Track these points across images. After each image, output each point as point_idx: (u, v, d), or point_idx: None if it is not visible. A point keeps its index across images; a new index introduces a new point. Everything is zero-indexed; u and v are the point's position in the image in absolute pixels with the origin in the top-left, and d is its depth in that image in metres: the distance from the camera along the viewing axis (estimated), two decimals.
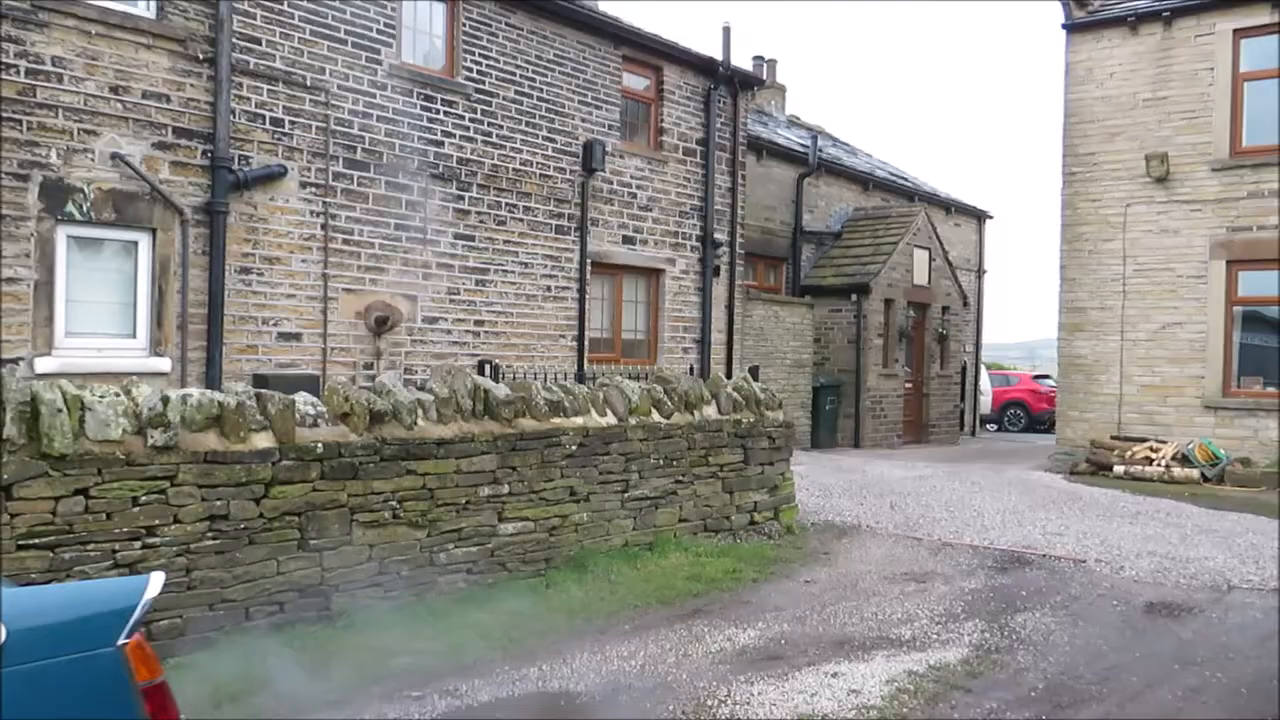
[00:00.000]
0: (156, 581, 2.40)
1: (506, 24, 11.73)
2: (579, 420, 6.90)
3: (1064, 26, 14.18)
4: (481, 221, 11.48)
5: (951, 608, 6.11)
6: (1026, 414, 25.43)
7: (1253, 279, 12.84)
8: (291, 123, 9.71)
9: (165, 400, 4.83)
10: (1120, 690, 4.68)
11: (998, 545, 8.07)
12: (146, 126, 8.68)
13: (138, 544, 4.63)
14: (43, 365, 7.95)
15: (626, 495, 7.17)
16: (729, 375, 13.45)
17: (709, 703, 4.40)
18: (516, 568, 6.34)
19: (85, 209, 8.31)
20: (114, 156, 8.47)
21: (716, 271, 14.51)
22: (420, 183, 10.83)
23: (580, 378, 12.07)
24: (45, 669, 2.14)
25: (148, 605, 2.35)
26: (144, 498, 4.66)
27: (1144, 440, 13.06)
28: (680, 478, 7.63)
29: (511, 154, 11.80)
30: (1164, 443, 12.81)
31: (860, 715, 4.30)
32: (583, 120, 12.63)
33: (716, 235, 14.42)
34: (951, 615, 5.94)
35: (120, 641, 2.28)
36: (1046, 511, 9.81)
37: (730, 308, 14.75)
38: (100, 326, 8.58)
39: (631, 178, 13.35)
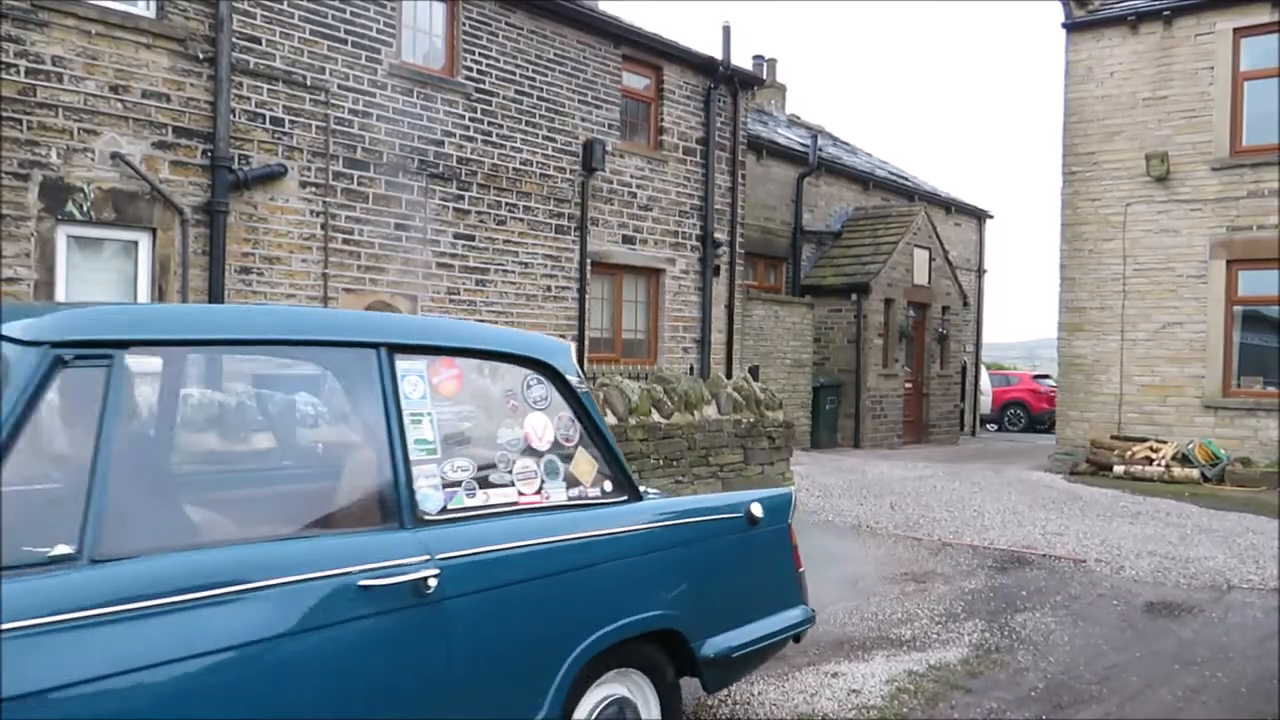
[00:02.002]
0: (792, 491, 4.17)
1: (506, 23, 11.73)
2: None
3: (1064, 26, 14.18)
4: (481, 221, 11.48)
5: (951, 608, 6.11)
6: (1026, 414, 25.43)
7: (1253, 279, 12.84)
8: (291, 122, 9.71)
9: None
10: (1120, 690, 4.68)
11: (998, 545, 8.08)
12: (146, 126, 8.68)
13: None
14: None
15: None
16: (729, 375, 13.45)
17: (709, 702, 4.40)
18: None
19: (85, 209, 8.31)
20: (114, 156, 8.47)
21: (716, 271, 14.51)
22: (420, 182, 10.83)
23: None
24: (773, 531, 3.82)
25: (795, 500, 4.04)
26: None
27: (1144, 440, 13.06)
28: (680, 478, 7.63)
29: (511, 153, 11.80)
30: (1164, 443, 12.81)
31: (860, 715, 4.30)
32: (582, 119, 12.63)
33: (716, 235, 14.42)
34: (951, 615, 5.94)
35: (790, 519, 3.93)
36: (1046, 511, 9.81)
37: (730, 307, 14.75)
38: None
39: (631, 177, 13.35)
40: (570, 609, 2.98)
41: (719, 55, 14.28)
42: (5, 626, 1.83)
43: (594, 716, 3.06)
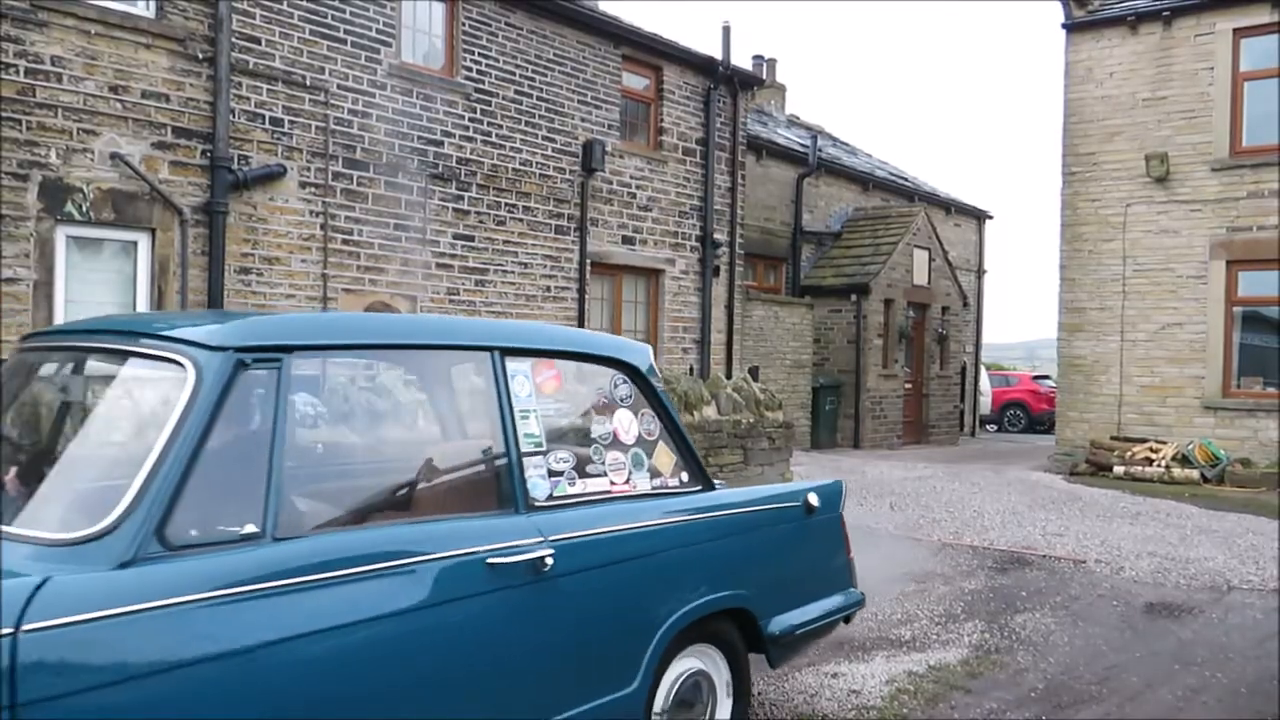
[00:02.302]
0: (843, 483, 4.46)
1: (506, 23, 11.73)
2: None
3: (1064, 26, 14.18)
4: (481, 221, 11.48)
5: (951, 608, 6.10)
6: (1026, 414, 25.44)
7: (1253, 279, 12.84)
8: (291, 122, 9.71)
9: None
10: (1120, 690, 4.67)
11: (998, 546, 8.07)
12: (146, 126, 8.68)
13: None
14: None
15: None
16: (729, 375, 13.45)
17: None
18: None
19: (84, 209, 8.30)
20: (113, 156, 8.47)
21: (716, 271, 14.51)
22: (420, 182, 10.82)
23: None
24: (827, 519, 4.17)
25: (845, 491, 4.38)
26: None
27: (1144, 441, 13.06)
28: None
29: (511, 154, 11.80)
30: (1164, 443, 12.81)
31: (860, 715, 4.30)
32: (582, 120, 12.63)
33: (716, 235, 14.42)
34: (951, 616, 5.94)
35: (841, 509, 4.30)
36: (1046, 512, 9.81)
37: (730, 308, 14.75)
38: None
39: (631, 178, 13.35)
40: (658, 588, 3.29)
41: (719, 55, 14.28)
42: (208, 594, 2.14)
43: (676, 687, 3.35)
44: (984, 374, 25.48)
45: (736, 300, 14.88)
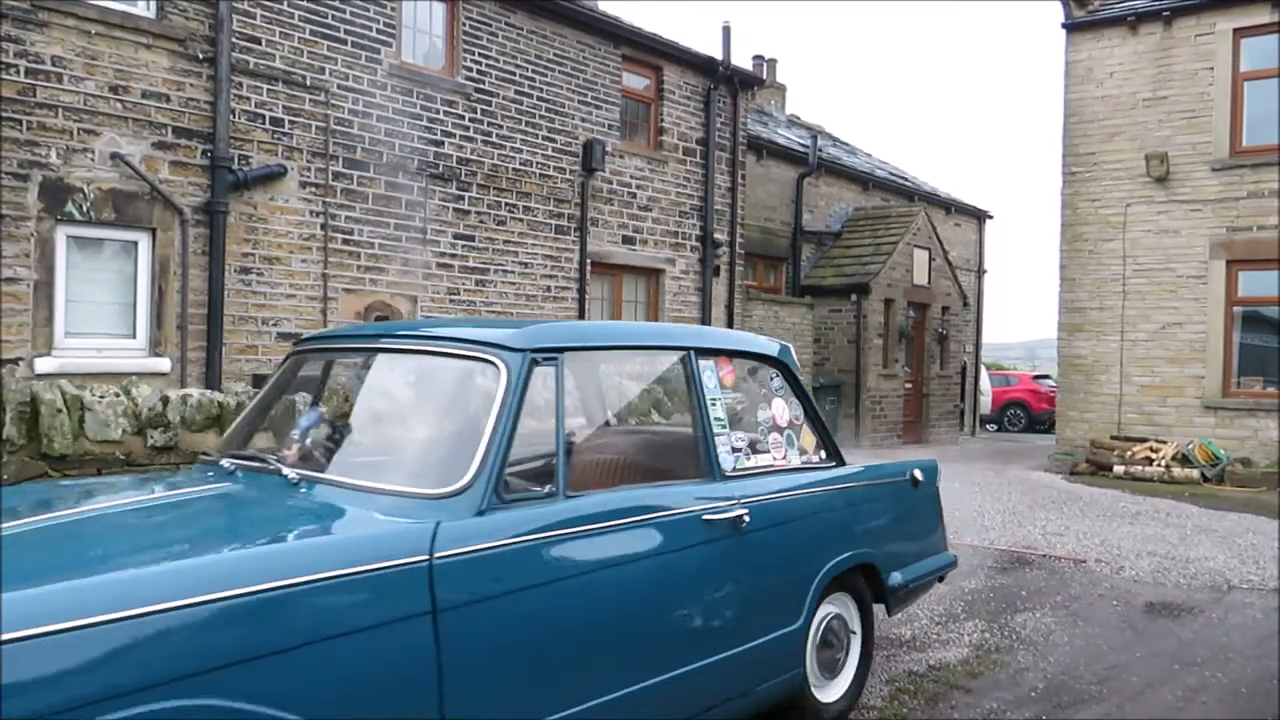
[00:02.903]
0: (936, 461, 5.17)
1: (506, 24, 11.73)
2: None
3: (1064, 26, 14.19)
4: (481, 221, 11.48)
5: (951, 608, 6.11)
6: (1026, 414, 25.44)
7: (1253, 279, 12.84)
8: (291, 122, 9.71)
9: (165, 400, 4.83)
10: (1120, 690, 4.68)
11: (998, 545, 8.07)
12: (146, 126, 8.69)
13: None
14: (42, 365, 7.94)
15: None
16: None
17: None
18: None
19: (85, 209, 8.31)
20: (114, 156, 8.47)
21: (716, 271, 14.52)
22: (420, 182, 10.83)
23: None
24: (927, 491, 4.93)
25: (939, 468, 5.13)
26: None
27: (1144, 440, 13.06)
28: None
29: (511, 154, 11.80)
30: (1164, 443, 12.81)
31: (860, 715, 4.30)
32: (583, 120, 12.63)
33: (716, 235, 14.43)
34: (951, 615, 5.94)
35: (937, 483, 5.06)
36: (1046, 512, 9.81)
37: (730, 308, 14.76)
38: (100, 327, 8.58)
39: (631, 178, 13.35)
40: (813, 544, 4.00)
41: (719, 55, 14.28)
42: (510, 543, 2.79)
43: (821, 628, 4.05)
44: (984, 374, 25.48)
45: (737, 300, 14.88)
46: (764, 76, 19.66)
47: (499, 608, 2.71)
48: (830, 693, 4.13)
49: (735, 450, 3.79)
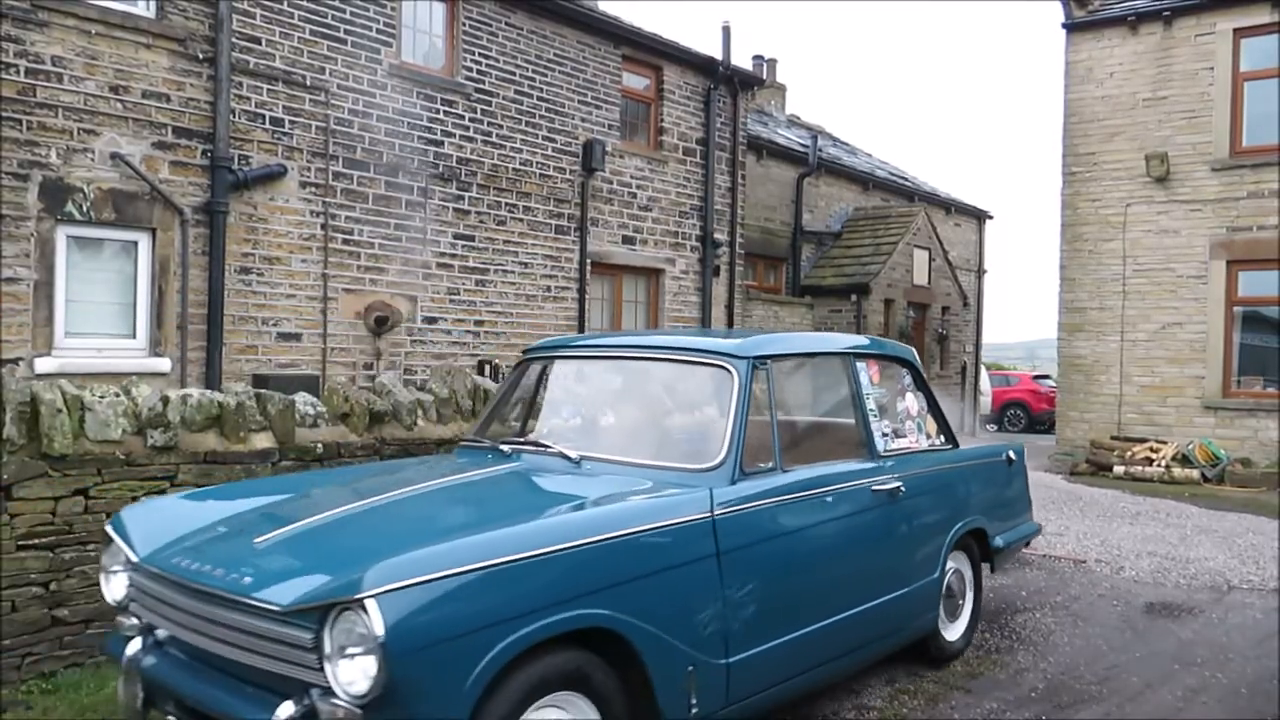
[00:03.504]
0: (1023, 444, 6.24)
1: (506, 23, 11.73)
2: None
3: (1064, 26, 14.18)
4: (481, 221, 11.48)
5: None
6: (1026, 414, 25.43)
7: (1253, 279, 12.84)
8: (291, 122, 9.71)
9: (165, 400, 4.83)
10: (1120, 690, 4.68)
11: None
12: (146, 126, 8.68)
13: None
14: (42, 365, 7.95)
15: None
16: None
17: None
18: None
19: (85, 209, 8.31)
20: (114, 156, 8.47)
21: (716, 271, 14.51)
22: (420, 182, 10.83)
23: None
24: (1019, 468, 5.80)
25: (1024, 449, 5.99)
26: (144, 498, 4.65)
27: (1144, 440, 13.06)
28: None
29: (511, 154, 11.80)
30: (1164, 443, 12.81)
31: (860, 715, 4.30)
32: (583, 120, 12.63)
33: (716, 235, 14.43)
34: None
35: (1025, 463, 5.89)
36: (1046, 511, 9.81)
37: (730, 308, 14.76)
38: (100, 327, 8.58)
39: (631, 178, 13.35)
40: (943, 512, 4.90)
41: (719, 55, 14.28)
42: (755, 504, 3.67)
43: (948, 581, 4.98)
44: (984, 374, 25.47)
45: (737, 300, 14.88)
46: (764, 76, 19.66)
47: (752, 551, 3.61)
48: (952, 633, 5.11)
49: (884, 435, 4.66)
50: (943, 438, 5.18)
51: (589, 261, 12.72)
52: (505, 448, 4.18)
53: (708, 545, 3.42)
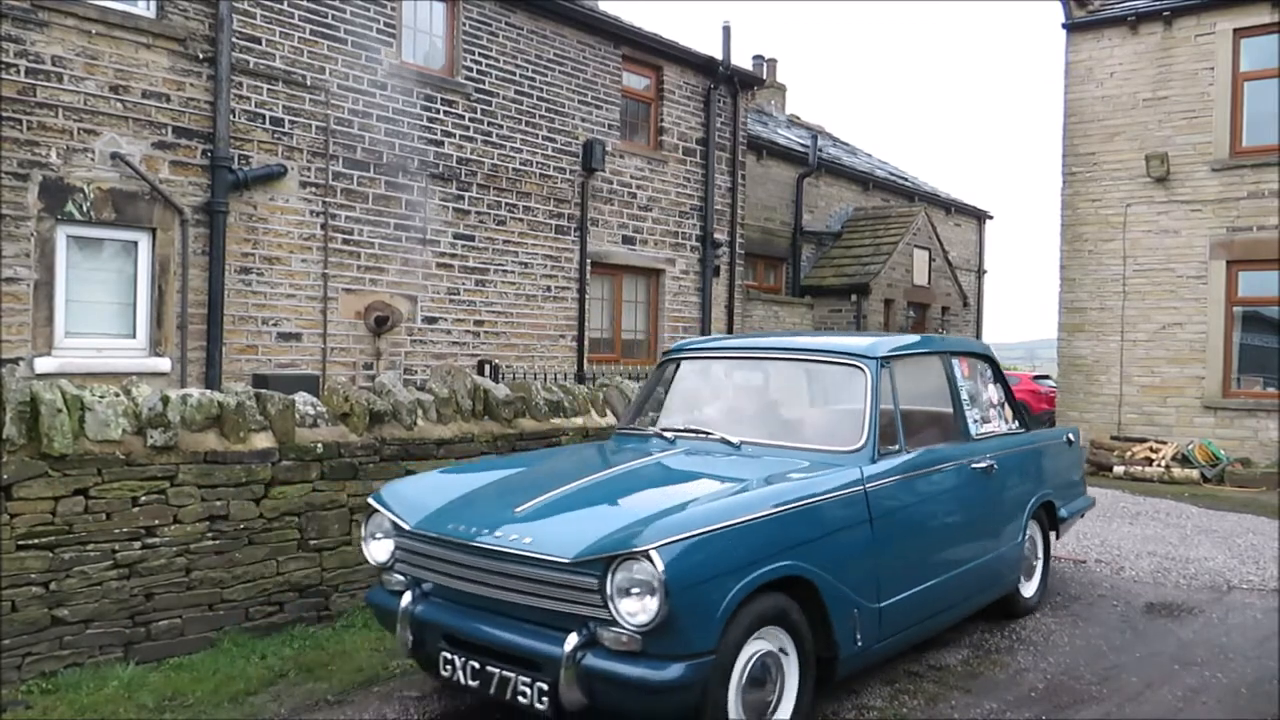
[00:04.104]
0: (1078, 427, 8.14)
1: (506, 24, 11.73)
2: (579, 420, 6.90)
3: (1064, 26, 14.18)
4: (481, 221, 11.48)
5: None
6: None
7: (1253, 279, 12.83)
8: (291, 122, 9.71)
9: (165, 400, 4.83)
10: (1120, 690, 4.68)
11: None
12: (146, 126, 8.69)
13: (138, 544, 4.63)
14: (42, 365, 7.95)
15: None
16: None
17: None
18: None
19: (85, 209, 8.31)
20: (114, 156, 8.47)
21: (716, 271, 14.51)
22: (420, 182, 10.83)
23: (580, 378, 12.08)
24: (1077, 449, 6.79)
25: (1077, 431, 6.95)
26: (144, 498, 4.65)
27: (1144, 440, 13.05)
28: None
29: (511, 154, 11.80)
30: (1164, 443, 12.81)
31: (860, 715, 4.30)
32: (583, 120, 12.63)
33: (716, 235, 14.43)
34: None
35: (1072, 436, 6.71)
36: None
37: (730, 308, 14.76)
38: (100, 326, 8.58)
39: (631, 177, 13.35)
40: (1023, 487, 5.72)
41: (719, 55, 14.28)
42: (893, 479, 4.43)
43: (1026, 545, 5.74)
44: None
45: (737, 300, 14.88)
46: (764, 76, 19.66)
47: (893, 518, 4.37)
48: (1028, 589, 5.91)
49: (975, 421, 5.40)
50: (1017, 422, 5.98)
51: (589, 261, 12.72)
52: (668, 434, 4.91)
53: (863, 512, 4.20)
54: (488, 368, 11.14)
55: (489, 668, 3.67)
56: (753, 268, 17.12)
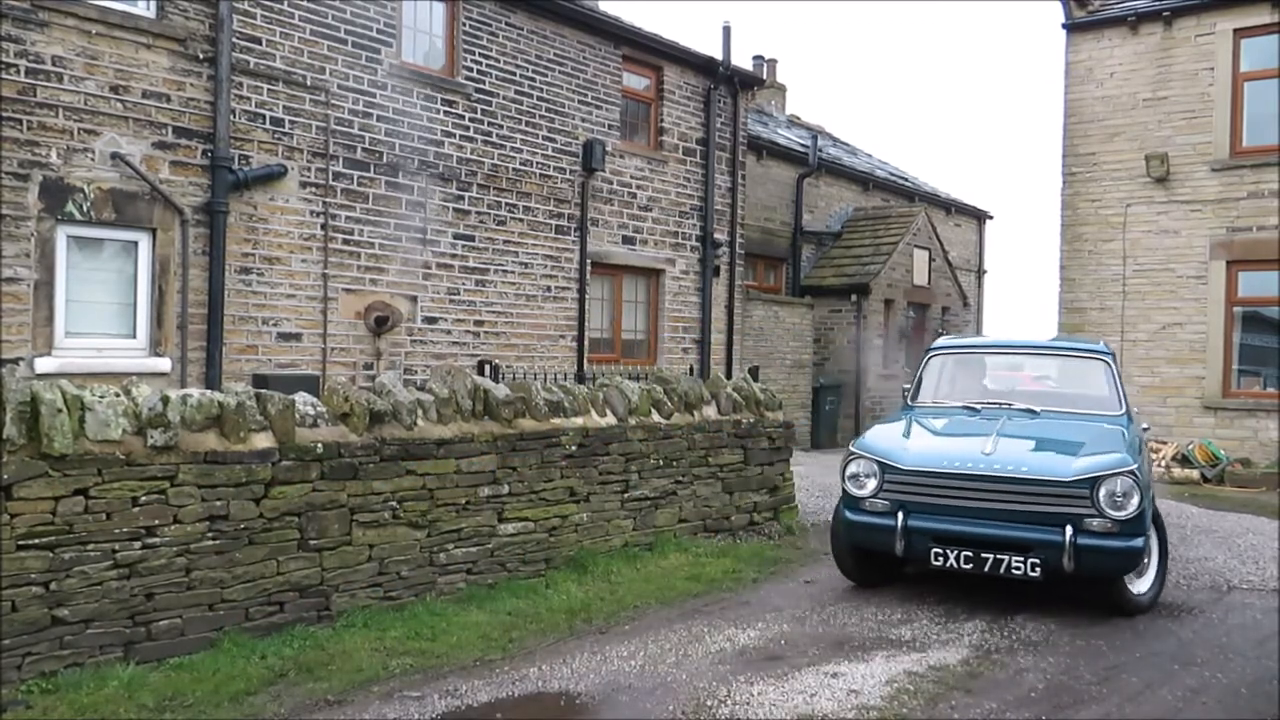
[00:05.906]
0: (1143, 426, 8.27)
1: (506, 24, 11.73)
2: (579, 420, 6.90)
3: (1064, 26, 14.19)
4: (481, 221, 11.48)
5: (952, 608, 6.11)
6: None
7: (1253, 279, 12.84)
8: (291, 122, 9.71)
9: (165, 400, 4.83)
10: (1120, 690, 4.68)
11: None
12: (146, 126, 8.69)
13: (138, 544, 4.63)
14: (43, 365, 7.95)
15: (626, 495, 7.17)
16: (729, 375, 13.46)
17: (709, 703, 4.40)
18: (516, 568, 6.34)
19: (85, 209, 8.31)
20: (114, 156, 8.47)
21: (716, 271, 14.51)
22: (420, 183, 10.83)
23: (580, 378, 12.07)
24: (1143, 433, 7.28)
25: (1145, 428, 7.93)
26: (144, 498, 4.66)
27: None
28: (680, 478, 7.63)
29: (511, 154, 11.80)
30: (1164, 443, 12.81)
31: (860, 715, 4.30)
32: (583, 120, 12.63)
33: (716, 235, 14.43)
34: (951, 615, 5.94)
35: (1145, 428, 7.61)
36: None
37: (730, 308, 14.76)
38: (100, 326, 8.58)
39: (631, 178, 13.35)
40: (1135, 445, 6.54)
41: (719, 55, 14.28)
42: (1138, 431, 6.99)
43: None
44: None
45: (736, 300, 14.88)
46: (764, 76, 19.66)
47: (1142, 453, 6.11)
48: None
49: (1121, 400, 7.11)
50: (1124, 406, 7.16)
51: (589, 261, 12.72)
52: (977, 405, 6.97)
53: (1141, 449, 6.19)
54: (488, 368, 11.14)
55: (982, 555, 5.71)
56: (753, 268, 17.13)
